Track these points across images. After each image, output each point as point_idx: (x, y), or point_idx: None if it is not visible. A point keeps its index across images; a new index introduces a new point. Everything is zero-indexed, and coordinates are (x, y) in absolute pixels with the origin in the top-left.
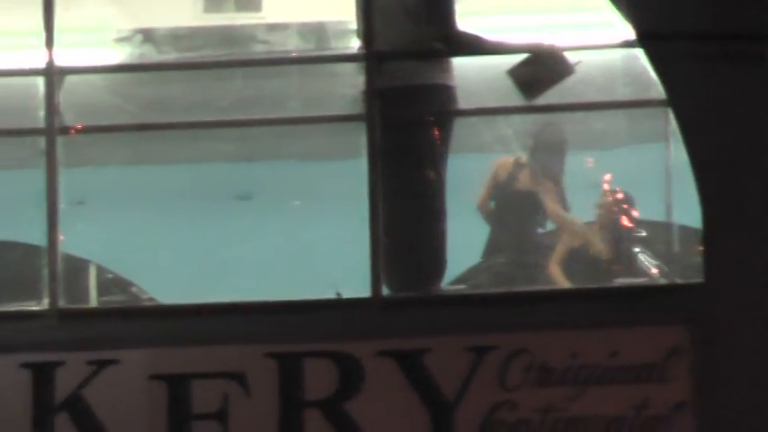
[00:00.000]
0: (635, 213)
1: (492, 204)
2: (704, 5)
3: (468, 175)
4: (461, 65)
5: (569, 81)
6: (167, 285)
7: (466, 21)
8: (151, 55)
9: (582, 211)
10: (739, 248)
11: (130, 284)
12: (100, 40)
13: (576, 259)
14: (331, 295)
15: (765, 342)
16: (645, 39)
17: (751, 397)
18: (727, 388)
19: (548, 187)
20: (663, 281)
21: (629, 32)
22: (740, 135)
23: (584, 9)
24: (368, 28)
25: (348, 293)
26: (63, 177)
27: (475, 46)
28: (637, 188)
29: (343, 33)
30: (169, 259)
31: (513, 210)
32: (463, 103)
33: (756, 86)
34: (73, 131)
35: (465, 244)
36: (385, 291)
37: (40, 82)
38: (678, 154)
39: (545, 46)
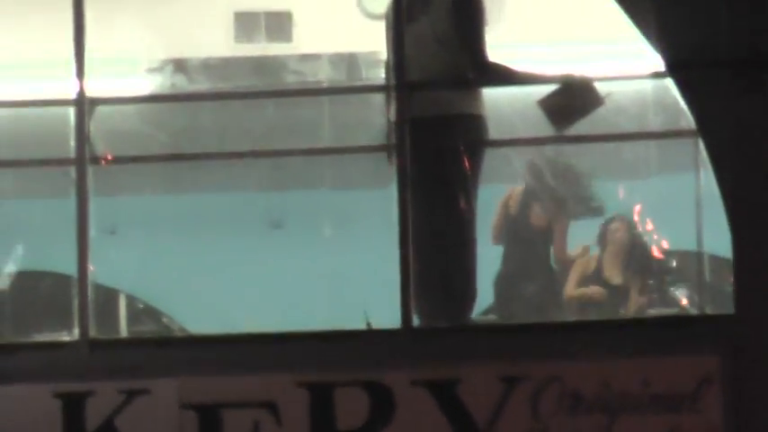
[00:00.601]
0: (645, 239)
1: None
2: (733, 35)
3: None
4: (492, 95)
5: (600, 111)
6: (198, 315)
7: (498, 51)
8: (183, 85)
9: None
10: None
11: (161, 314)
12: (132, 69)
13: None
14: (362, 325)
15: None
16: (674, 69)
17: None
18: (758, 419)
19: (557, 218)
20: (694, 311)
21: (660, 62)
22: None
23: (614, 40)
24: (398, 58)
25: (379, 323)
26: (94, 207)
27: (506, 76)
28: (667, 218)
29: (374, 63)
30: (200, 288)
31: (524, 240)
32: (494, 133)
33: None
34: (104, 161)
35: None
36: (416, 320)
37: (71, 111)
38: (709, 183)
39: (575, 76)
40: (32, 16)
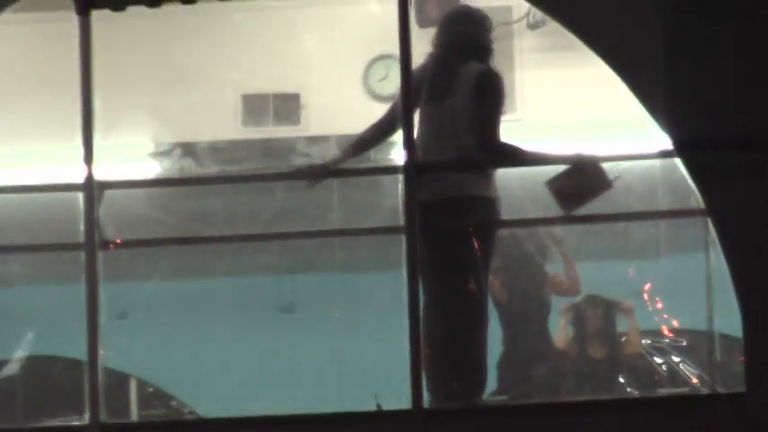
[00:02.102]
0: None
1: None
2: (738, 115)
3: None
4: (503, 175)
5: (609, 191)
6: (208, 399)
7: (510, 131)
8: (191, 168)
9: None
10: None
11: (171, 398)
12: (140, 154)
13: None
14: (372, 407)
15: None
16: (682, 149)
17: None
18: None
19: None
20: (705, 390)
21: (668, 142)
22: None
23: (623, 120)
24: (408, 139)
25: (390, 405)
26: (104, 291)
27: (516, 156)
28: (677, 297)
29: (384, 145)
30: (210, 372)
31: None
32: (504, 213)
33: None
34: (113, 246)
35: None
36: (427, 402)
37: (80, 196)
38: (718, 263)
39: (584, 159)
40: (41, 96)
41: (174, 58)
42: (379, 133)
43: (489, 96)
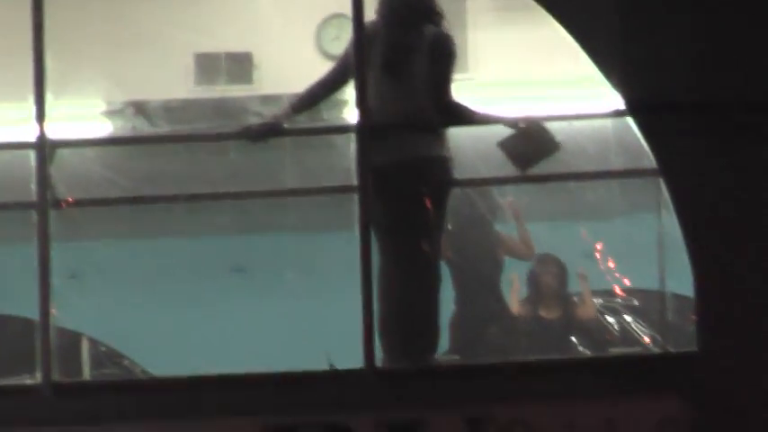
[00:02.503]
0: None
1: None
2: (693, 76)
3: None
4: (455, 135)
5: (562, 151)
6: (161, 358)
7: (461, 92)
8: (143, 128)
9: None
10: (732, 317)
11: (123, 357)
12: (92, 113)
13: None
14: (325, 367)
15: (759, 411)
16: (635, 110)
17: None
18: None
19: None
20: (656, 350)
21: (621, 102)
22: (731, 204)
23: (578, 81)
24: (362, 99)
25: (343, 365)
26: (55, 251)
27: (467, 116)
28: (630, 257)
29: (337, 105)
30: (163, 332)
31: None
32: (457, 173)
33: (747, 156)
34: (65, 205)
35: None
36: (380, 362)
37: (31, 155)
38: (670, 223)
39: (531, 121)
40: None
41: (127, 18)
42: (330, 86)
43: (442, 59)
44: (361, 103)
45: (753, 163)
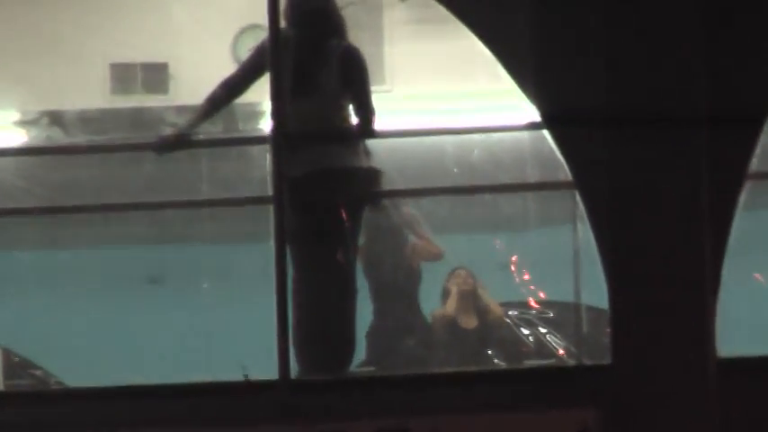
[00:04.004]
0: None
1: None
2: (608, 90)
3: None
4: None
5: (479, 163)
6: (75, 369)
7: (383, 104)
8: (59, 138)
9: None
10: (646, 329)
11: (37, 368)
12: (6, 122)
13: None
14: (240, 378)
15: (672, 423)
16: (550, 121)
17: None
18: None
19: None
20: (571, 362)
21: (536, 115)
22: (646, 216)
23: (495, 94)
24: (277, 109)
25: (257, 376)
26: None
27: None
28: (545, 269)
29: (253, 115)
30: (77, 342)
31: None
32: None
33: (661, 169)
34: None
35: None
36: (294, 373)
37: None
38: (586, 235)
39: None
40: None
41: (42, 26)
42: (236, 87)
43: (356, 73)
44: (276, 113)
45: (667, 176)
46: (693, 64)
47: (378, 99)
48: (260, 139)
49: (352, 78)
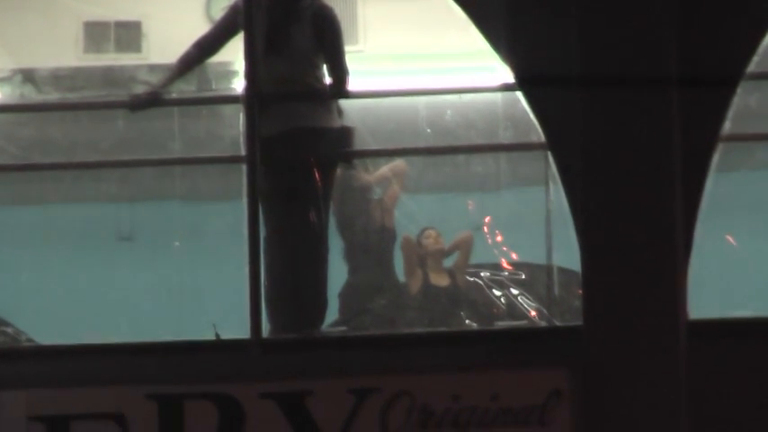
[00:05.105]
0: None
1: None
2: (581, 51)
3: None
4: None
5: (452, 124)
6: (46, 326)
7: (356, 64)
8: (31, 95)
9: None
10: (617, 291)
11: (7, 324)
12: None
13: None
14: (211, 337)
15: (643, 384)
16: (523, 83)
17: None
18: (606, 430)
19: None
20: (543, 324)
21: (509, 76)
22: (618, 178)
23: (468, 54)
24: (251, 69)
25: (229, 335)
26: None
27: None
28: (517, 230)
29: (226, 75)
30: (48, 300)
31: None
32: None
33: (634, 130)
34: None
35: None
36: (266, 332)
37: None
38: (558, 197)
39: None
40: None
41: None
42: (210, 46)
43: (329, 33)
44: (249, 73)
45: (639, 137)
46: (666, 25)
47: (351, 59)
48: (233, 99)
49: (326, 38)
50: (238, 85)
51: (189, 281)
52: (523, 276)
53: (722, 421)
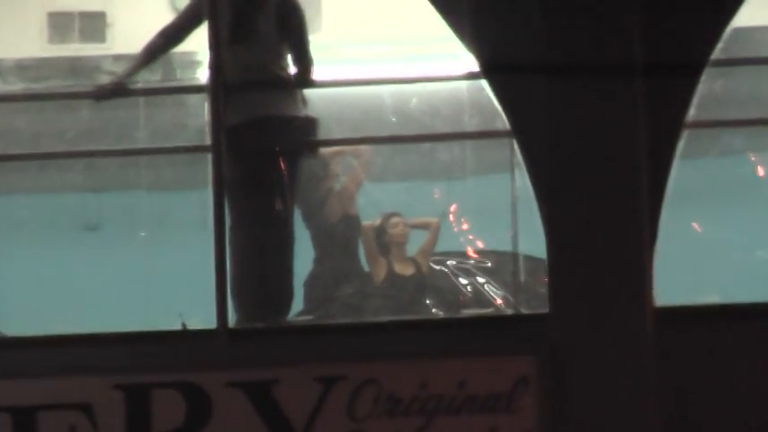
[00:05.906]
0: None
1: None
2: (547, 37)
3: None
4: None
5: (417, 112)
6: (12, 316)
7: (321, 52)
8: None
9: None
10: (583, 278)
11: None
12: None
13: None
14: (178, 326)
15: (610, 371)
16: (488, 70)
17: (597, 427)
18: (573, 418)
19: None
20: (509, 311)
21: (474, 64)
22: (584, 166)
23: (432, 41)
24: (215, 59)
25: (195, 324)
26: None
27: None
28: (483, 218)
29: (191, 64)
30: (14, 290)
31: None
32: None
33: (599, 117)
34: None
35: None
36: (233, 321)
37: None
38: (523, 184)
39: None
40: None
41: None
42: (174, 36)
43: (293, 21)
44: (214, 63)
45: (604, 124)
46: (630, 11)
47: (315, 47)
48: (198, 88)
49: (290, 26)
50: (203, 74)
51: (155, 270)
52: (489, 264)
53: (689, 406)
